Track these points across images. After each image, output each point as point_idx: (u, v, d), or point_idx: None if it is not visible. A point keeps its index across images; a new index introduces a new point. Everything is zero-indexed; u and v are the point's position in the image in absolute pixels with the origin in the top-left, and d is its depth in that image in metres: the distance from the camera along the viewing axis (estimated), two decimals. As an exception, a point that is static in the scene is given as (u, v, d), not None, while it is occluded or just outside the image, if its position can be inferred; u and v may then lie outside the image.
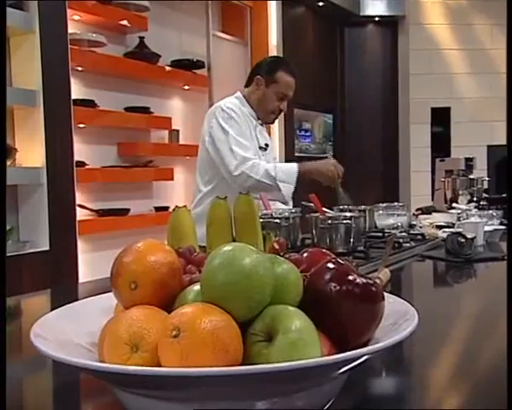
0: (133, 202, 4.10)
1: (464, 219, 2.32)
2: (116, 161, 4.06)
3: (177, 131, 4.37)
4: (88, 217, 3.71)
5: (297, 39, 5.22)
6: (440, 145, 5.81)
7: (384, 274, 1.42)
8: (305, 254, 0.75)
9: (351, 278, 0.62)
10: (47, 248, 2.98)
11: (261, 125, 2.48)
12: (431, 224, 2.39)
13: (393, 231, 2.15)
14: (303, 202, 2.81)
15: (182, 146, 4.32)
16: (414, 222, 2.50)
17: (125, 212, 3.91)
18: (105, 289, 0.70)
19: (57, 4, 3.11)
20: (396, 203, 2.82)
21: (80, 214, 3.67)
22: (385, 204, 2.78)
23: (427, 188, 4.53)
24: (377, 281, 0.64)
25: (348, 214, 1.73)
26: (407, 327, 0.61)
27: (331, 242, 1.65)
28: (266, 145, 2.47)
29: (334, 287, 0.61)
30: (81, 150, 3.77)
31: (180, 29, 4.48)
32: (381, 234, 2.16)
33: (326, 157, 3.14)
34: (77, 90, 3.73)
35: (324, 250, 0.77)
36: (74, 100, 3.59)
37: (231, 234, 0.76)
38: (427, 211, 3.05)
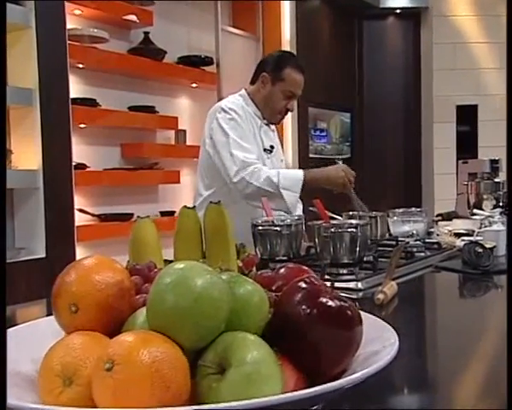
0: (137, 206, 4.09)
1: (486, 227, 2.25)
2: (119, 163, 4.05)
3: (184, 131, 4.35)
4: (88, 222, 3.71)
5: (312, 33, 5.17)
6: (466, 146, 5.72)
7: (390, 288, 1.37)
8: (281, 271, 0.71)
9: (323, 300, 0.57)
10: (43, 255, 2.97)
11: (267, 125, 2.44)
12: (449, 231, 2.33)
13: (407, 240, 2.10)
14: (310, 208, 2.76)
15: (189, 147, 4.29)
16: (432, 229, 2.44)
17: (128, 217, 3.89)
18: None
19: (55, -2, 3.11)
20: (414, 209, 2.75)
21: (80, 219, 3.66)
22: (401, 210, 2.72)
23: (452, 192, 4.44)
24: (352, 304, 0.59)
25: (354, 222, 1.67)
26: (387, 354, 0.56)
27: (335, 252, 1.60)
28: (271, 147, 2.42)
29: (304, 310, 0.57)
30: (82, 152, 3.77)
31: (187, 24, 4.46)
32: (394, 242, 2.10)
33: (338, 160, 3.07)
34: (77, 89, 3.74)
35: (304, 267, 0.73)
36: (75, 99, 3.59)
37: (201, 248, 0.72)
38: (447, 217, 2.98)
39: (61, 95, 3.16)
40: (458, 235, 2.17)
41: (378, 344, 0.60)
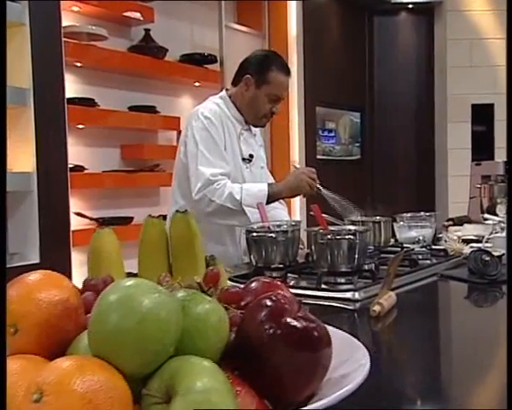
0: (138, 209, 4.07)
1: (497, 233, 2.20)
2: (119, 165, 4.04)
3: (187, 132, 4.32)
4: (87, 226, 3.69)
5: (320, 30, 5.13)
6: (482, 147, 5.65)
7: (387, 299, 1.33)
8: (252, 285, 0.67)
9: (287, 319, 0.54)
10: (37, 260, 2.95)
11: (248, 130, 2.40)
12: (458, 238, 2.29)
13: (412, 246, 2.06)
14: (311, 213, 2.73)
15: (191, 148, 4.27)
16: (441, 235, 2.40)
17: (128, 221, 3.88)
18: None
19: (50, -6, 3.10)
20: (422, 213, 2.72)
21: (78, 223, 3.65)
22: (410, 214, 2.69)
23: (467, 195, 4.38)
24: (320, 324, 0.56)
25: (352, 228, 1.64)
26: (358, 377, 0.53)
27: (332, 259, 1.57)
28: (251, 156, 2.37)
29: (267, 331, 0.54)
30: (80, 154, 3.76)
31: (190, 20, 4.44)
32: (399, 249, 2.06)
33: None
34: (75, 88, 3.73)
35: (277, 281, 0.69)
36: (72, 99, 3.58)
37: (166, 260, 0.69)
38: (458, 222, 2.93)
39: (57, 94, 3.14)
40: (467, 241, 2.12)
41: (349, 366, 0.57)
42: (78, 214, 3.68)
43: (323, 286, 1.55)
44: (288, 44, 4.87)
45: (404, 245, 2.12)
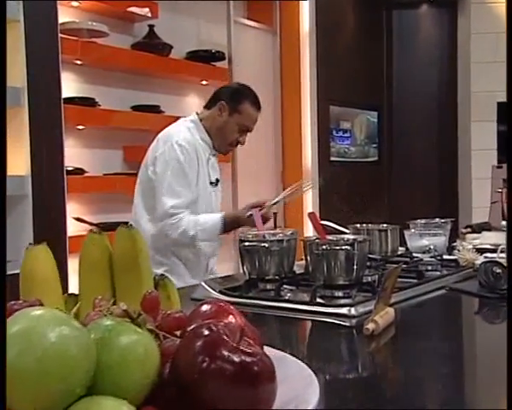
0: (141, 214, 4.04)
1: (514, 241, 2.13)
2: (121, 167, 4.02)
3: (193, 132, 4.30)
4: (86, 232, 3.67)
5: (334, 25, 5.07)
6: (508, 147, 5.54)
7: (384, 315, 1.28)
8: (202, 309, 0.63)
9: (223, 352, 0.50)
10: (31, 268, 2.94)
11: (214, 155, 2.60)
12: (474, 246, 2.22)
13: (422, 256, 2.00)
14: (322, 222, 2.68)
15: (198, 150, 4.24)
16: (455, 243, 2.33)
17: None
18: None
19: (46, -11, 3.09)
20: (437, 219, 2.66)
21: (78, 229, 3.63)
22: (424, 221, 2.63)
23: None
24: (263, 357, 0.51)
25: (351, 238, 1.59)
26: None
27: (329, 271, 1.52)
28: (217, 180, 2.61)
29: (199, 364, 0.49)
30: (80, 156, 3.75)
31: (196, 15, 4.42)
32: (407, 259, 2.01)
33: (370, 162, 3.00)
34: (75, 87, 3.72)
35: (230, 305, 0.65)
36: (72, 98, 3.57)
37: (110, 280, 0.65)
38: (477, 229, 2.86)
39: (52, 94, 3.13)
40: (481, 251, 2.06)
41: (297, 402, 0.52)
42: (78, 219, 3.66)
43: (319, 300, 1.50)
44: (301, 40, 4.82)
45: (414, 255, 2.06)
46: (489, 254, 2.01)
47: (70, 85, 3.65)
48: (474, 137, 5.76)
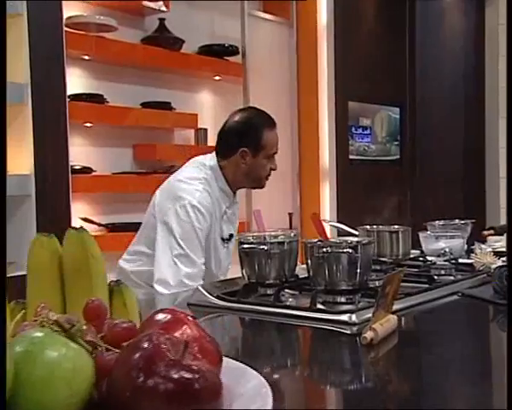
0: (151, 214, 4.03)
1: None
2: (131, 166, 4.02)
3: (205, 130, 4.28)
4: (94, 233, 3.67)
5: (353, 17, 5.00)
6: (539, 144, 5.44)
7: (385, 323, 1.24)
8: (156, 318, 0.60)
9: (160, 367, 0.46)
10: (34, 270, 2.94)
11: (232, 204, 2.46)
12: (493, 249, 2.17)
13: (435, 259, 1.95)
14: (330, 223, 2.65)
15: (211, 148, 4.20)
16: (474, 246, 2.27)
17: (139, 226, 3.84)
18: None
19: (50, -18, 3.09)
20: (457, 221, 2.61)
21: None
22: (442, 222, 2.59)
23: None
24: (208, 372, 0.48)
25: (354, 240, 1.55)
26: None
27: (330, 276, 1.48)
28: (230, 236, 2.45)
29: (134, 380, 0.46)
30: (88, 154, 3.76)
31: (209, 8, 4.39)
32: (419, 263, 1.97)
33: (391, 160, 2.96)
34: (83, 83, 3.73)
35: (188, 315, 0.61)
36: (79, 95, 3.58)
37: (59, 286, 0.62)
38: (501, 231, 2.79)
39: (57, 90, 3.13)
40: (500, 255, 2.00)
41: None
42: (85, 220, 3.67)
43: (320, 306, 1.46)
44: (318, 33, 4.77)
45: (428, 258, 2.02)
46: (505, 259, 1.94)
47: (77, 81, 3.66)
48: (502, 134, 5.68)
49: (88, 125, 3.73)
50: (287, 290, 1.63)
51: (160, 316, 0.60)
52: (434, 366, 1.13)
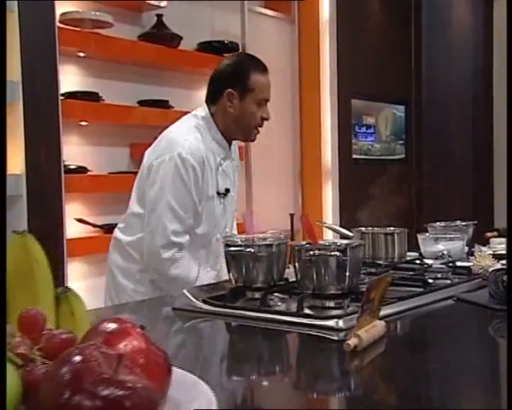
0: (149, 215, 4.01)
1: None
2: (128, 166, 4.00)
3: (205, 128, 4.26)
4: (89, 234, 3.66)
5: (356, 12, 4.97)
6: (549, 143, 5.40)
7: (370, 329, 1.21)
8: (101, 328, 0.57)
9: (88, 383, 0.44)
10: (26, 272, 2.92)
11: (228, 157, 2.39)
12: (494, 252, 2.13)
13: (431, 262, 1.92)
14: (324, 225, 2.62)
15: (210, 147, 4.20)
16: (474, 249, 2.24)
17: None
18: None
19: (41, -24, 3.08)
20: (459, 222, 2.59)
21: (81, 231, 3.62)
22: (443, 223, 2.56)
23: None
24: (145, 387, 0.46)
25: (343, 242, 1.52)
26: None
27: (318, 279, 1.46)
28: (227, 191, 2.36)
29: (59, 398, 0.44)
30: (83, 154, 3.74)
31: (208, 4, 4.37)
32: (415, 266, 1.94)
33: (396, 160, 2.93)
34: (78, 81, 3.71)
35: (135, 326, 0.59)
36: (74, 92, 3.56)
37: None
38: (505, 233, 2.76)
39: (50, 88, 3.12)
40: (500, 257, 1.97)
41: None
42: (80, 221, 3.65)
43: (307, 311, 1.44)
44: (321, 29, 4.74)
45: (425, 261, 1.99)
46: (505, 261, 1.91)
47: (72, 79, 3.64)
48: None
49: (83, 123, 3.71)
50: (276, 294, 1.61)
51: (105, 326, 0.58)
52: (420, 374, 1.10)
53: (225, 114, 2.30)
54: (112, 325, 0.58)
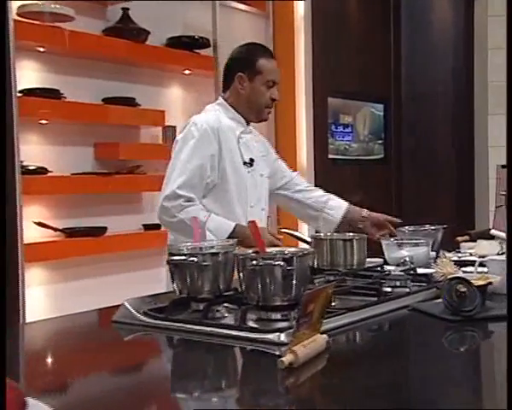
0: (114, 218, 3.98)
1: (503, 253, 2.04)
2: (92, 166, 3.95)
3: (174, 127, 4.22)
4: (49, 238, 3.61)
5: (333, 8, 4.97)
6: (531, 144, 5.43)
7: (309, 344, 1.18)
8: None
9: None
10: (-22, 279, 2.88)
11: (249, 133, 2.65)
12: (459, 258, 2.13)
13: (391, 269, 1.91)
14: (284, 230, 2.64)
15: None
16: (440, 255, 2.24)
17: (101, 231, 3.79)
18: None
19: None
20: (427, 226, 2.59)
21: (41, 235, 3.57)
22: (412, 227, 2.56)
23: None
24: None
25: (290, 251, 1.49)
26: None
27: (264, 290, 1.43)
28: (251, 160, 2.61)
29: None
30: (43, 154, 3.68)
31: (179, -4, 4.34)
32: (376, 273, 1.92)
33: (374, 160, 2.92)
34: (38, 77, 3.66)
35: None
36: (33, 89, 3.51)
37: None
38: (476, 237, 2.76)
39: (4, 85, 3.06)
40: (461, 264, 1.96)
41: None
42: (40, 224, 3.59)
43: (251, 324, 1.41)
44: (296, 25, 4.73)
45: (386, 268, 1.97)
46: (469, 269, 1.91)
47: (30, 75, 3.59)
48: (492, 133, 5.67)
49: (43, 122, 3.65)
50: (226, 305, 1.58)
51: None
52: (360, 390, 1.08)
53: (238, 96, 2.58)
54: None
